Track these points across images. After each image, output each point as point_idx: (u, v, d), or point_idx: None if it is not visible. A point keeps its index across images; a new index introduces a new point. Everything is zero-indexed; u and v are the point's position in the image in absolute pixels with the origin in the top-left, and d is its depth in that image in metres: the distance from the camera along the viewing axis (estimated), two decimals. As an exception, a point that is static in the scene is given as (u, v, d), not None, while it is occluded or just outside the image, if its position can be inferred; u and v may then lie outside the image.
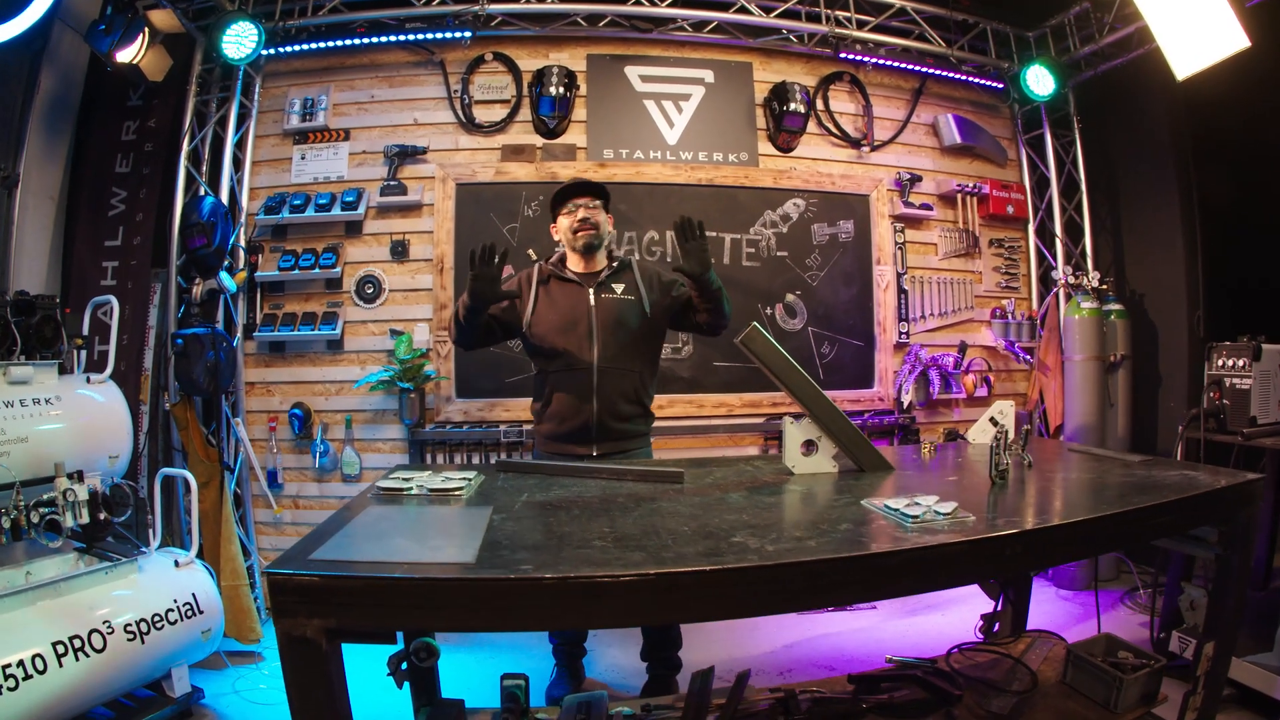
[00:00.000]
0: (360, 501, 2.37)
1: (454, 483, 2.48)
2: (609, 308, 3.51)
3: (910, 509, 2.01)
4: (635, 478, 2.71)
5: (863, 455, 2.81)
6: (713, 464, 3.12)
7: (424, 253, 5.26)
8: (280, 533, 5.24)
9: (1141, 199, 6.09)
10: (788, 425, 2.78)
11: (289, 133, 5.40)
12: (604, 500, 2.37)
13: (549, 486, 2.59)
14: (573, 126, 5.42)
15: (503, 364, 5.17)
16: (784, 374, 2.72)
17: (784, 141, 5.56)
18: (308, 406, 5.20)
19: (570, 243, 3.58)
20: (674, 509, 2.23)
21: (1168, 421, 5.80)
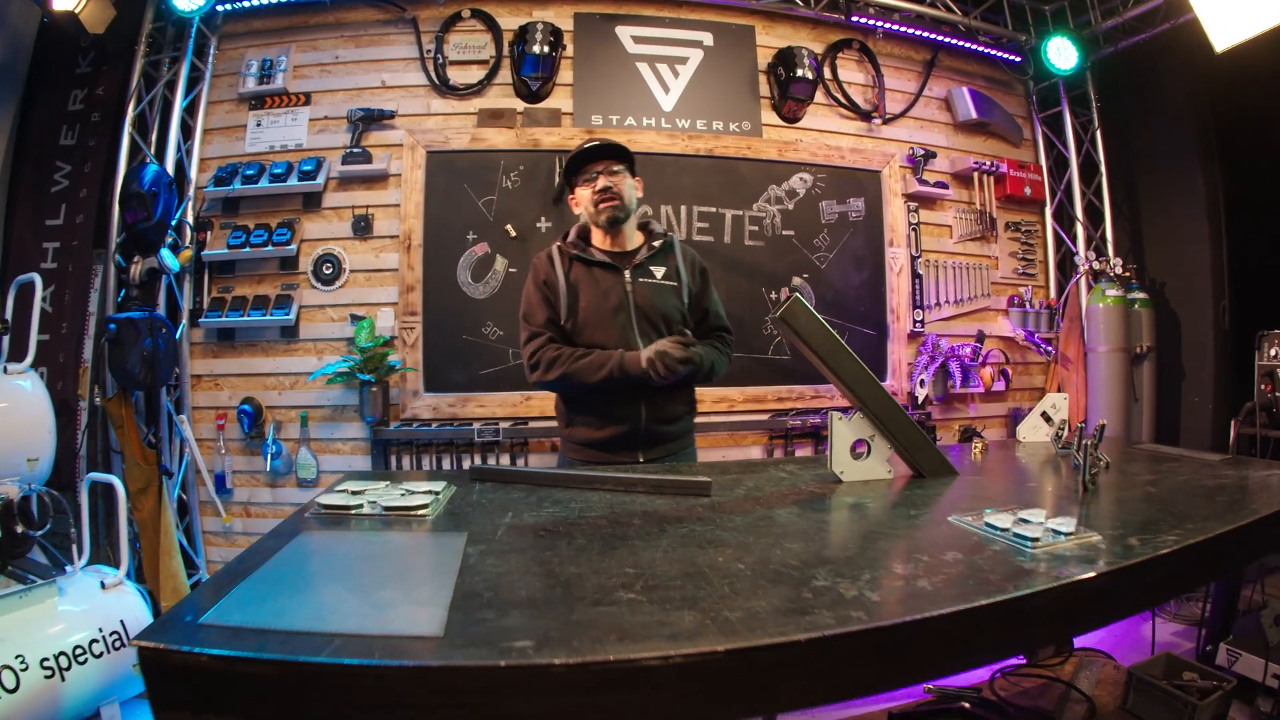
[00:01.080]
0: (294, 523, 1.73)
1: (416, 498, 1.83)
2: (649, 294, 2.91)
3: (1022, 528, 1.52)
4: (648, 489, 2.05)
5: (924, 458, 2.22)
6: (735, 470, 2.47)
7: (389, 228, 4.61)
8: (231, 543, 4.57)
9: (1162, 183, 5.61)
10: (835, 422, 2.17)
11: (244, 97, 4.73)
12: (615, 521, 1.74)
13: (538, 501, 1.94)
14: (557, 90, 4.79)
15: (476, 353, 4.56)
16: (832, 357, 2.13)
17: (790, 111, 4.96)
18: (259, 402, 4.53)
19: (592, 216, 2.95)
20: (713, 534, 1.61)
21: (1191, 416, 5.36)
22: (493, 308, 4.56)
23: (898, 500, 1.98)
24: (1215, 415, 5.19)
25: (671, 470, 2.43)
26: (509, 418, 4.53)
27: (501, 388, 4.54)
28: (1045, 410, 2.91)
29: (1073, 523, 1.52)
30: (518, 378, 4.54)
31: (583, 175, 2.94)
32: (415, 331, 4.50)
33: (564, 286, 2.88)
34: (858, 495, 2.01)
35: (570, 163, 2.96)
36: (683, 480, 2.06)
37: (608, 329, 2.85)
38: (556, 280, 2.89)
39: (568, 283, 2.89)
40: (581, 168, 2.94)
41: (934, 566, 1.38)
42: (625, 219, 2.95)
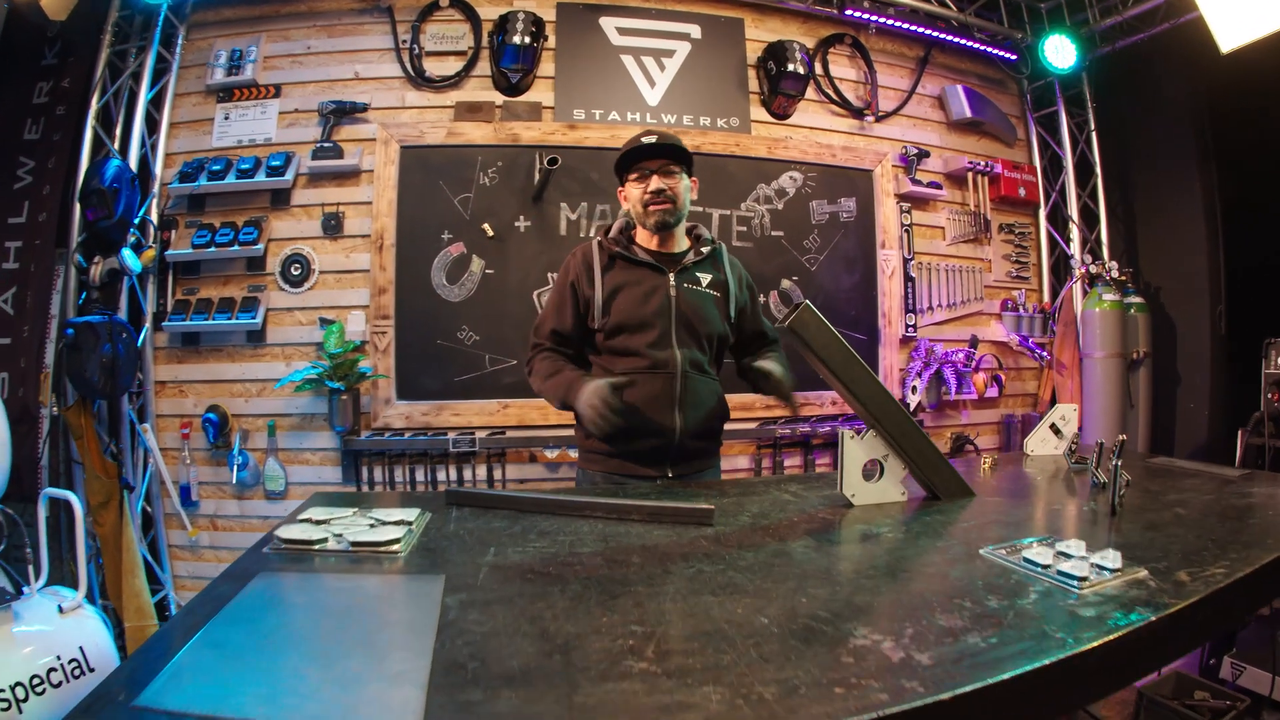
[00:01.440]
0: (252, 561, 1.49)
1: (386, 530, 1.59)
2: (693, 301, 2.68)
3: (1065, 565, 1.38)
4: (644, 517, 1.83)
5: (940, 479, 2.04)
6: (733, 491, 2.24)
7: (361, 227, 4.33)
8: (198, 558, 4.28)
9: (1159, 185, 5.44)
10: (847, 440, 1.97)
11: (212, 89, 4.44)
12: (611, 560, 1.51)
13: (522, 532, 1.71)
14: (538, 83, 4.53)
15: (451, 359, 4.29)
16: (845, 370, 1.94)
17: (780, 107, 4.73)
18: (224, 410, 4.24)
19: (640, 217, 2.70)
20: (724, 576, 1.41)
21: (1186, 423, 5.21)
22: (469, 311, 4.30)
23: (919, 528, 1.79)
24: (1211, 422, 5.03)
25: (668, 494, 2.17)
26: (485, 427, 4.27)
27: (477, 395, 4.28)
28: (1054, 422, 2.75)
29: (1117, 557, 1.39)
30: (494, 385, 4.30)
31: (635, 171, 2.68)
32: (387, 336, 4.23)
33: (600, 285, 2.65)
34: (873, 522, 1.83)
35: (623, 157, 2.69)
36: (682, 508, 1.84)
37: (646, 333, 2.62)
38: (593, 277, 2.66)
39: (604, 280, 2.66)
40: (633, 164, 2.68)
41: (980, 616, 1.21)
42: (676, 224, 2.71)
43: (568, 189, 4.42)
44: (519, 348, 4.28)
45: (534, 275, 4.37)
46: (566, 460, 4.33)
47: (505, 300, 4.32)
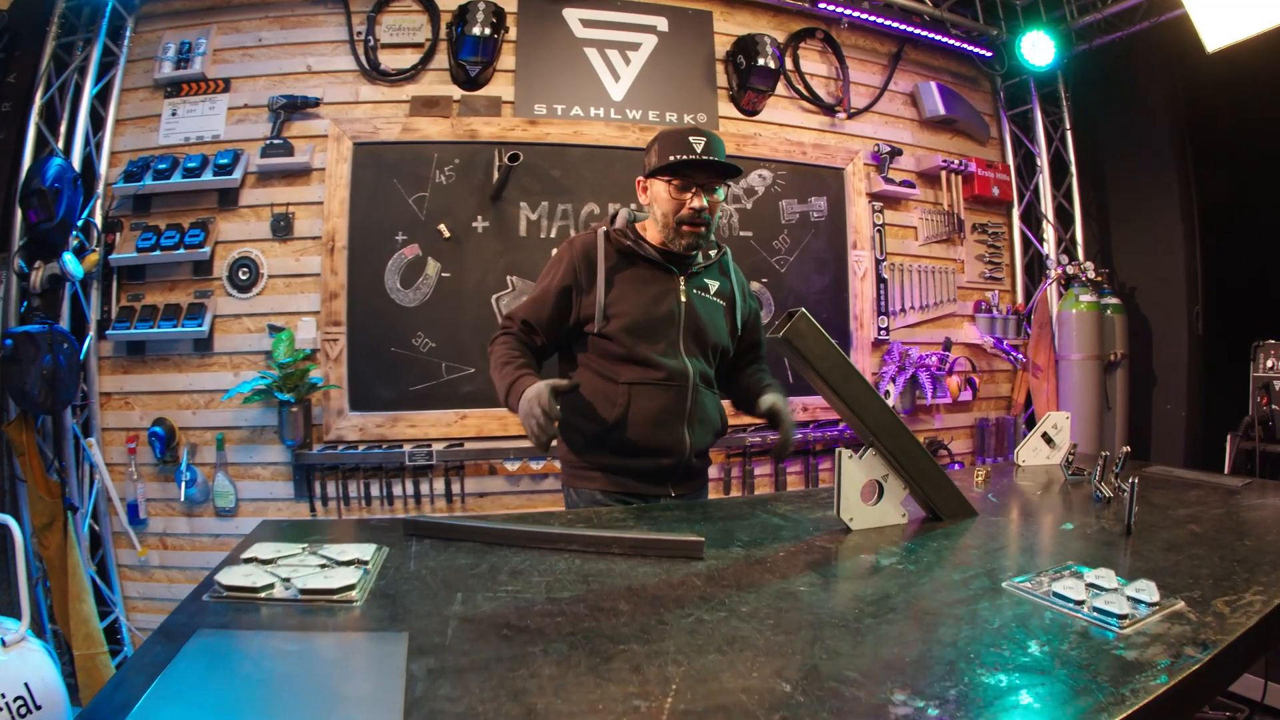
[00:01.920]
0: (190, 614, 1.26)
1: (339, 574, 1.37)
2: (702, 309, 2.45)
3: (1100, 600, 1.26)
4: (626, 550, 1.62)
5: (942, 499, 1.89)
6: (718, 514, 2.02)
7: (311, 228, 4.05)
8: (149, 578, 4.00)
9: (1134, 185, 5.28)
10: (845, 461, 1.79)
11: (160, 83, 4.13)
12: (596, 607, 1.30)
13: (490, 571, 1.49)
14: (498, 77, 4.26)
15: (406, 368, 4.03)
16: (843, 385, 1.78)
17: (749, 102, 4.50)
18: (171, 423, 3.94)
19: (667, 229, 2.37)
20: (729, 626, 1.22)
21: (1163, 426, 5.05)
22: (424, 316, 4.04)
23: (929, 556, 1.62)
24: (1189, 423, 4.87)
25: (647, 520, 1.96)
26: (443, 439, 4.01)
27: (434, 406, 4.02)
28: (1046, 431, 2.63)
29: (1153, 589, 1.29)
30: (451, 394, 4.05)
31: (675, 174, 2.33)
32: (339, 344, 3.96)
33: (603, 282, 2.37)
34: (877, 549, 1.66)
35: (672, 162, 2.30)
36: (669, 540, 1.62)
37: (654, 338, 2.37)
38: (595, 273, 2.38)
39: (610, 278, 2.38)
40: (680, 171, 2.31)
41: (1025, 668, 1.07)
42: (703, 247, 2.46)
43: (528, 188, 4.16)
44: (477, 355, 4.04)
45: (492, 278, 4.11)
46: (528, 473, 4.10)
47: (462, 305, 4.07)
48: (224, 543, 3.93)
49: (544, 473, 4.13)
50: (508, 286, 4.11)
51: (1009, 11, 5.04)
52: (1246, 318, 4.69)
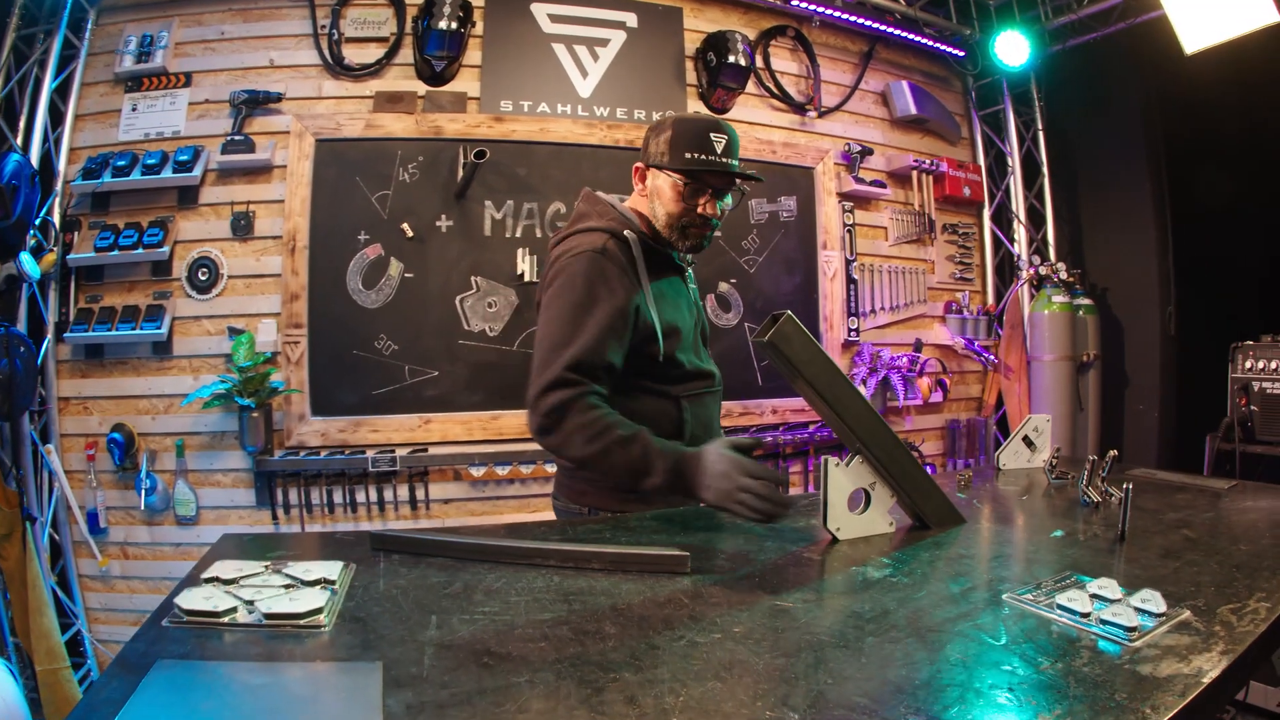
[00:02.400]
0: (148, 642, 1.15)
1: (305, 596, 1.25)
2: (698, 303, 2.29)
3: (1108, 614, 1.21)
4: (605, 566, 1.50)
5: (931, 507, 1.80)
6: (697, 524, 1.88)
7: (272, 227, 3.88)
8: (110, 588, 3.82)
9: (1106, 186, 5.21)
10: (831, 469, 1.69)
11: (121, 77, 3.95)
12: (580, 630, 1.20)
13: (464, 590, 1.37)
14: (464, 72, 4.11)
15: (368, 371, 3.87)
16: (830, 390, 1.69)
17: (719, 100, 4.37)
18: (130, 429, 3.76)
19: (670, 230, 2.06)
20: (724, 649, 1.13)
21: (1135, 426, 4.98)
22: (386, 319, 3.88)
23: (921, 568, 1.54)
24: (1162, 424, 4.80)
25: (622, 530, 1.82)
26: (406, 444, 3.86)
27: (397, 410, 3.87)
28: (1027, 434, 2.55)
29: (1159, 599, 1.25)
30: (415, 398, 3.89)
31: (695, 179, 2.01)
32: (300, 346, 3.80)
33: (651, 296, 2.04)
34: (866, 560, 1.58)
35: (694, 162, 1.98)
36: (651, 555, 1.51)
37: (696, 346, 2.16)
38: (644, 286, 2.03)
39: (650, 289, 2.05)
40: (702, 174, 2.00)
41: (1039, 685, 1.03)
42: None
43: (493, 186, 4.01)
44: (440, 358, 3.91)
45: (456, 279, 3.96)
46: (493, 478, 3.95)
47: (426, 306, 3.91)
48: (185, 552, 3.78)
49: (510, 478, 3.99)
50: (472, 287, 3.96)
51: (982, 11, 4.93)
52: (1220, 319, 4.65)
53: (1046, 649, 1.13)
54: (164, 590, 3.77)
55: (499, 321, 3.99)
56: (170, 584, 3.88)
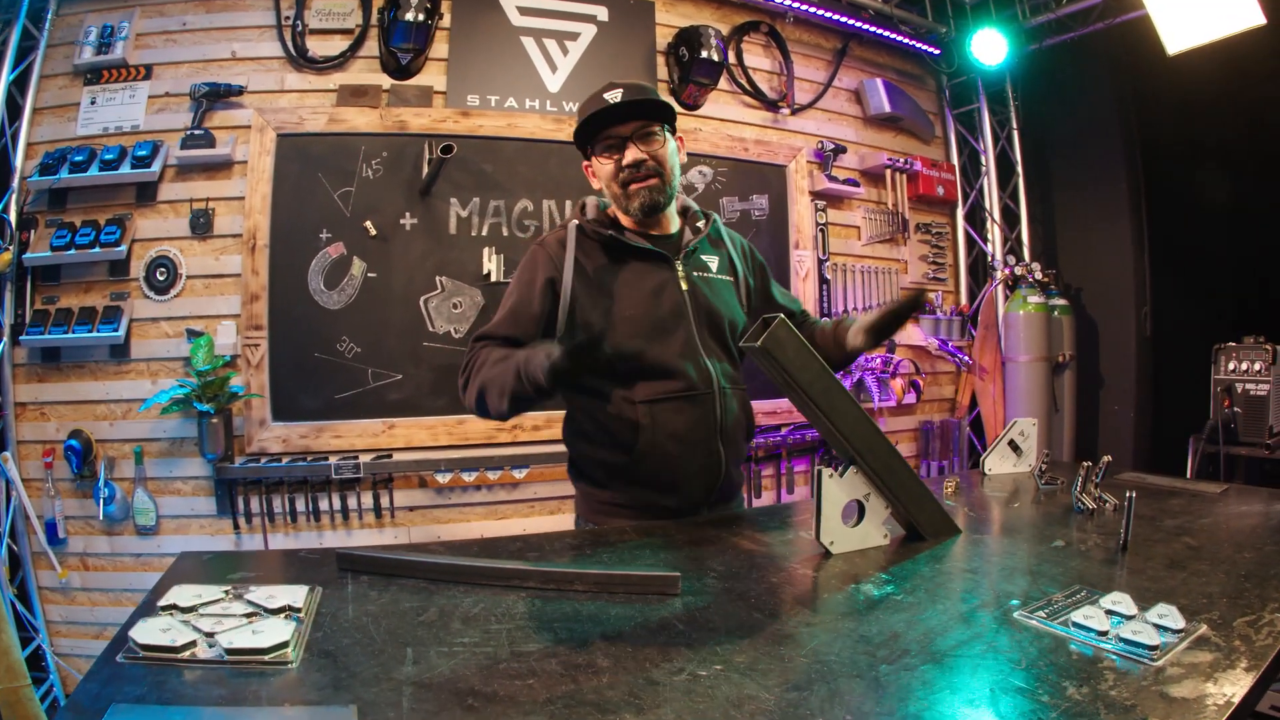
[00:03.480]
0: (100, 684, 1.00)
1: (270, 628, 1.12)
2: (708, 294, 1.99)
3: (1126, 630, 1.12)
4: (589, 587, 1.36)
5: (926, 517, 1.69)
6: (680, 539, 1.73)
7: (232, 225, 3.63)
8: (71, 600, 3.56)
9: (1080, 185, 5.04)
10: (825, 481, 1.57)
11: (80, 70, 3.66)
12: (570, 664, 1.07)
13: (440, 617, 1.23)
14: (430, 65, 3.86)
15: (331, 375, 3.62)
16: (824, 397, 1.58)
17: (690, 96, 4.14)
18: (88, 435, 3.50)
19: (619, 201, 1.94)
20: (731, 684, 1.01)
21: (1110, 427, 4.83)
22: (349, 320, 3.63)
23: (923, 584, 1.42)
24: (1138, 425, 4.63)
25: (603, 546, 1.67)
26: (370, 450, 3.62)
27: (360, 415, 3.63)
28: (1012, 438, 2.43)
29: (1176, 615, 1.17)
30: (378, 402, 3.66)
31: (603, 140, 1.90)
32: (260, 349, 3.55)
33: (572, 285, 1.91)
34: (864, 575, 1.46)
35: (583, 124, 1.90)
36: (640, 576, 1.37)
37: (665, 342, 1.91)
38: (562, 278, 1.91)
39: (588, 279, 1.92)
40: (596, 133, 1.90)
41: (1068, 711, 0.94)
42: (666, 204, 1.95)
43: (459, 182, 3.77)
44: (404, 360, 3.67)
45: (420, 279, 3.72)
46: (459, 484, 3.72)
47: (389, 307, 3.67)
48: (146, 562, 3.54)
49: (477, 484, 3.76)
50: (437, 288, 3.73)
51: (958, 9, 4.74)
52: (1195, 320, 4.55)
53: (1069, 672, 1.04)
54: (125, 603, 3.57)
55: (464, 323, 3.75)
56: (131, 596, 3.66)
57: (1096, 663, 1.07)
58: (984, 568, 1.52)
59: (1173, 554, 1.54)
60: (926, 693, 0.99)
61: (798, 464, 4.29)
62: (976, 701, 0.97)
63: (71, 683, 3.48)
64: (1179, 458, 3.99)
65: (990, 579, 1.45)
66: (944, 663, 1.07)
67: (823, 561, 1.53)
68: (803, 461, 4.31)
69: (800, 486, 4.30)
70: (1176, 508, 1.95)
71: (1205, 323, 4.41)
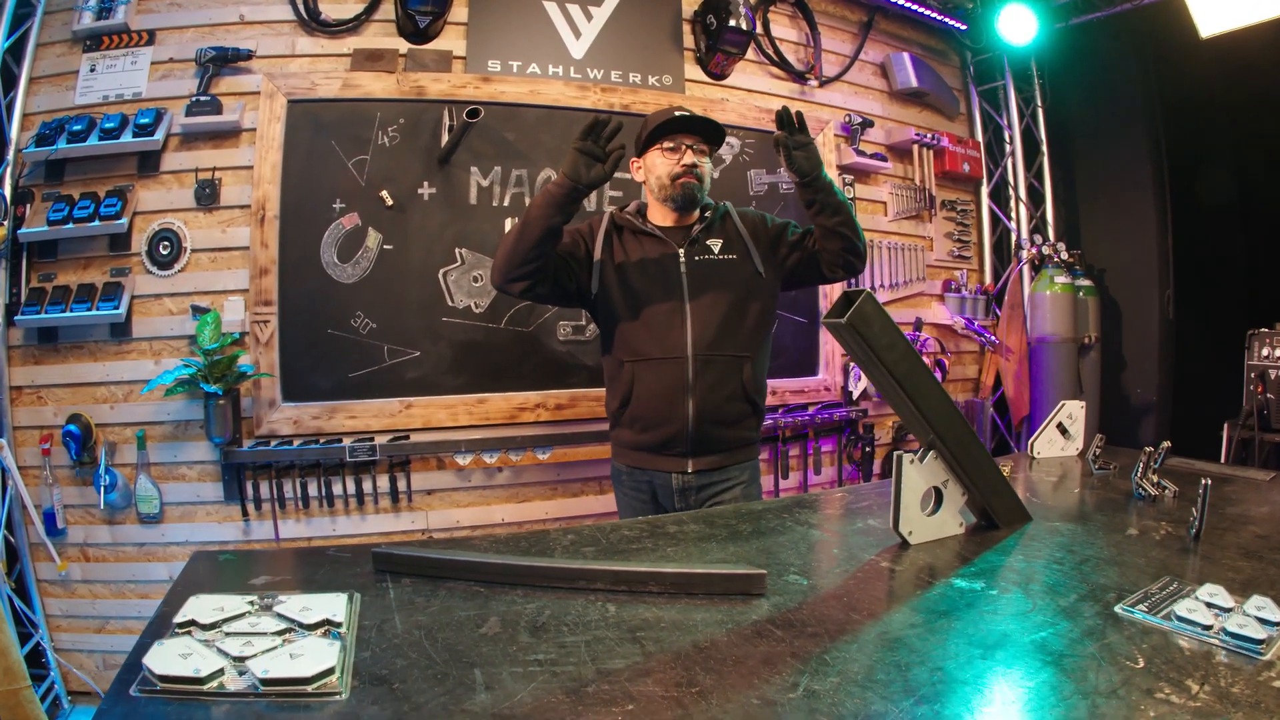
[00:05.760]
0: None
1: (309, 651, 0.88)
2: (706, 274, 2.33)
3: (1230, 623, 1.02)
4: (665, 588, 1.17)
5: (1001, 505, 1.56)
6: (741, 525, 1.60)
7: (240, 196, 3.24)
8: (71, 593, 3.20)
9: (1104, 166, 4.73)
10: (906, 467, 1.41)
11: (79, 36, 3.26)
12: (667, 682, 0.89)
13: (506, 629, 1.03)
14: (449, 29, 3.47)
15: (345, 352, 3.25)
16: (909, 377, 1.39)
17: (717, 66, 3.77)
18: (87, 420, 3.12)
19: (663, 190, 2.33)
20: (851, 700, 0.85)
21: (1132, 409, 4.48)
22: (363, 294, 3.26)
23: (1015, 576, 1.29)
24: (1159, 408, 4.31)
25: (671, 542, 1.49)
26: (386, 430, 3.26)
27: (375, 394, 3.26)
28: (1060, 422, 2.31)
29: (1272, 606, 1.06)
30: (395, 381, 3.29)
31: (667, 140, 2.31)
32: (270, 326, 3.17)
33: (600, 250, 2.35)
34: (949, 569, 1.32)
35: (657, 127, 2.31)
36: (722, 575, 1.19)
37: (653, 311, 2.30)
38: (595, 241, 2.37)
39: (612, 253, 2.36)
40: (665, 135, 2.31)
41: (1200, 712, 0.84)
42: (699, 203, 2.36)
43: (479, 151, 3.39)
44: (422, 337, 3.31)
45: (439, 251, 3.35)
46: (481, 466, 3.37)
47: (406, 281, 3.30)
48: (150, 552, 3.19)
49: (499, 465, 3.40)
50: (456, 260, 3.35)
51: (980, -16, 4.35)
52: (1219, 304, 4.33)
53: (1186, 669, 0.96)
54: (128, 595, 3.22)
55: (485, 297, 3.38)
56: (135, 588, 3.28)
57: (1210, 658, 0.99)
58: (1067, 559, 1.37)
59: (1244, 543, 1.45)
60: (1060, 699, 0.88)
61: (825, 444, 3.94)
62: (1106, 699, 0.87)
63: (72, 679, 3.16)
64: (1202, 442, 3.72)
65: (1077, 570, 1.32)
66: (1065, 666, 0.96)
67: (901, 553, 1.41)
68: (830, 441, 3.97)
69: (827, 467, 3.97)
70: (1232, 495, 1.85)
71: (1228, 307, 4.20)
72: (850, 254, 2.30)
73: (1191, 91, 4.28)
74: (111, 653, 3.18)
